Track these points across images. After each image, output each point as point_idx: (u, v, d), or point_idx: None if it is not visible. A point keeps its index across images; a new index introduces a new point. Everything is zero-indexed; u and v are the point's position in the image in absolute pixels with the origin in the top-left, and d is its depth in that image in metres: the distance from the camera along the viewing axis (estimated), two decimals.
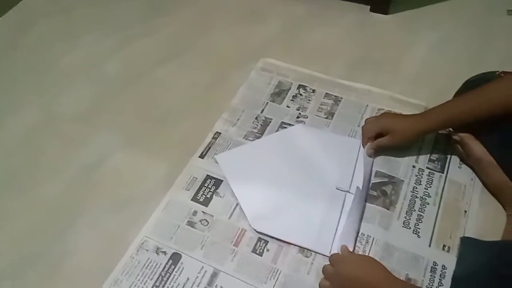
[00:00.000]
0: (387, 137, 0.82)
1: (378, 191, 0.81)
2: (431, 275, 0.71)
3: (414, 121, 0.81)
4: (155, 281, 0.72)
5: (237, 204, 0.81)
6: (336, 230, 0.76)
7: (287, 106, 0.97)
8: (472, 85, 0.82)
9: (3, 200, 0.86)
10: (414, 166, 0.85)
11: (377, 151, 0.85)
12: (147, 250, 0.76)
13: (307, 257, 0.74)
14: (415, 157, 0.87)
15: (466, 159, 0.84)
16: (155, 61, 1.10)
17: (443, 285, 0.70)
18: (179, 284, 0.72)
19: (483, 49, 1.07)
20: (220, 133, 0.93)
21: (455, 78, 0.86)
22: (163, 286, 0.72)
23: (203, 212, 0.80)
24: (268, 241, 0.76)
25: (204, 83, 1.04)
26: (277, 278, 0.72)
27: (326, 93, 1.00)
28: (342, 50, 1.10)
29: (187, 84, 1.04)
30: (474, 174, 0.83)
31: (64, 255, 0.77)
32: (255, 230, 0.76)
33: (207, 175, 0.86)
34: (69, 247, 0.78)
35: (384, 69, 1.04)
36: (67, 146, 0.94)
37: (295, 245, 0.75)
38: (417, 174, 0.84)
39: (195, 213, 0.80)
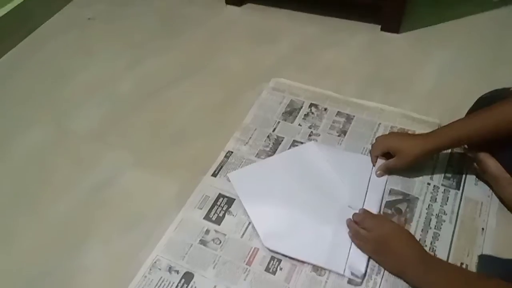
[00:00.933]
0: (394, 160, 0.83)
1: (392, 209, 0.81)
2: None
3: (420, 141, 0.81)
4: None
5: (250, 223, 0.81)
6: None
7: (299, 125, 0.98)
8: (484, 102, 0.82)
9: (12, 217, 0.87)
10: (429, 184, 0.85)
11: (386, 173, 0.85)
12: (160, 269, 0.76)
13: (321, 275, 0.74)
14: (430, 174, 0.86)
15: (482, 176, 0.84)
16: (167, 80, 1.12)
17: None
18: None
19: (495, 65, 1.07)
20: (232, 152, 0.94)
21: (467, 95, 0.86)
22: None
23: (215, 231, 0.81)
24: (281, 260, 0.76)
25: (216, 102, 1.06)
26: None
27: (338, 111, 1.00)
28: (353, 69, 1.11)
29: (199, 104, 1.06)
30: (490, 190, 0.83)
31: (75, 273, 0.78)
32: (267, 248, 0.76)
33: (220, 193, 0.86)
34: (80, 266, 0.79)
35: (396, 87, 1.05)
36: (78, 164, 0.96)
37: (308, 263, 0.75)
38: (432, 191, 0.84)
39: (207, 232, 0.81)
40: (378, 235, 0.73)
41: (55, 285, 0.77)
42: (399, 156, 0.83)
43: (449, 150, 0.89)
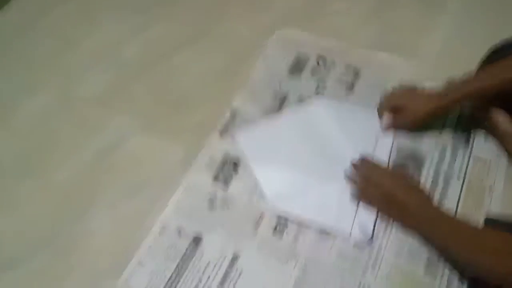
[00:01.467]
0: (398, 118, 0.81)
1: (399, 168, 0.81)
2: None
3: (432, 98, 0.78)
4: (177, 264, 0.75)
5: (257, 186, 0.81)
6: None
7: (306, 80, 0.96)
8: (496, 54, 0.80)
9: (18, 182, 0.88)
10: (437, 143, 0.84)
11: (393, 129, 0.84)
12: (169, 233, 0.78)
13: (328, 240, 0.75)
14: (438, 133, 0.85)
15: (492, 133, 0.82)
16: (172, 46, 1.09)
17: None
18: (200, 266, 0.74)
19: (503, 26, 1.00)
20: (238, 112, 0.92)
21: (476, 56, 0.84)
22: (186, 268, 0.74)
23: (223, 192, 0.81)
24: (288, 223, 0.77)
25: (221, 64, 1.04)
26: (298, 259, 0.73)
27: (347, 64, 0.98)
28: (357, 33, 1.06)
29: (205, 67, 1.04)
30: (500, 149, 0.82)
31: (80, 238, 0.80)
32: (274, 208, 0.77)
33: (226, 155, 0.86)
34: (85, 230, 0.80)
35: (403, 49, 1.01)
36: (84, 129, 0.96)
37: (315, 223, 0.76)
38: (441, 150, 0.83)
39: (215, 194, 0.82)
40: (387, 190, 0.72)
41: (60, 249, 0.79)
42: (409, 113, 0.81)
43: (458, 109, 0.87)
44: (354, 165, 0.78)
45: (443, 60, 0.96)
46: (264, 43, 1.04)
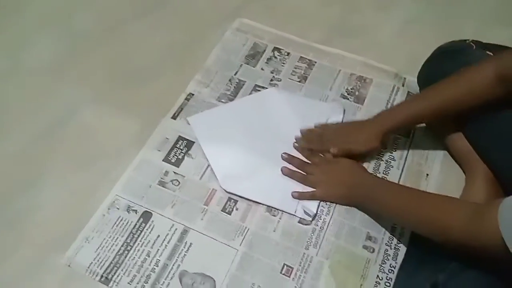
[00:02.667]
0: (349, 146, 0.81)
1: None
2: (391, 234, 0.77)
3: (365, 130, 0.80)
4: (126, 238, 0.76)
5: (208, 166, 0.84)
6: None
7: (261, 69, 1.00)
8: (442, 54, 0.84)
9: None
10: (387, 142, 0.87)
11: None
12: (118, 209, 0.79)
13: (274, 216, 0.79)
14: None
15: (431, 126, 0.89)
16: (127, 15, 1.09)
17: (401, 243, 0.76)
18: (149, 241, 0.76)
19: (460, 15, 1.09)
20: (193, 95, 0.95)
21: (428, 47, 0.87)
22: (134, 242, 0.76)
23: (174, 172, 0.84)
24: (237, 201, 0.80)
25: (178, 41, 1.05)
26: (245, 235, 0.76)
27: (301, 56, 1.02)
28: (319, 15, 1.11)
29: (161, 42, 1.04)
30: (438, 139, 0.88)
31: (29, 210, 0.79)
32: (224, 190, 0.80)
33: (179, 136, 0.88)
34: (35, 203, 0.80)
35: (360, 35, 1.07)
36: (34, 100, 0.94)
37: (263, 204, 0.80)
38: None
39: (166, 173, 0.83)
40: (328, 177, 0.78)
41: (6, 223, 0.78)
42: (358, 147, 0.82)
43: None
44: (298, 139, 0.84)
45: (392, 55, 1.02)
46: (222, 26, 1.07)
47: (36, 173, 0.83)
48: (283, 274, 0.73)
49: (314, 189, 0.80)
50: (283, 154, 0.84)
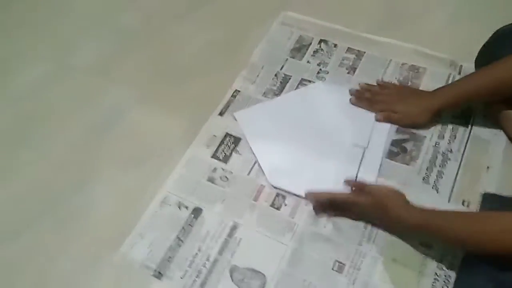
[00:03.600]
0: (397, 117, 0.84)
1: (398, 148, 0.84)
2: None
3: (425, 104, 0.81)
4: (178, 233, 0.79)
5: (256, 162, 0.85)
6: (352, 187, 0.79)
7: (308, 62, 0.99)
8: (500, 37, 0.81)
9: (14, 152, 0.90)
10: (437, 121, 0.87)
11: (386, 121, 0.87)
12: (170, 205, 0.82)
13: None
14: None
15: (493, 119, 0.85)
16: (172, 14, 1.11)
17: None
18: (200, 236, 0.78)
19: None
20: (239, 91, 0.96)
21: (482, 31, 0.85)
22: (186, 237, 0.78)
23: (222, 169, 0.85)
24: (286, 196, 0.81)
25: (223, 38, 1.06)
26: (295, 231, 0.77)
27: (348, 47, 1.01)
28: (365, 3, 1.09)
29: (206, 40, 1.06)
30: (499, 129, 0.84)
31: (81, 208, 0.82)
32: (272, 185, 0.81)
33: (227, 132, 0.90)
34: (86, 201, 0.83)
35: (410, 23, 1.04)
36: (80, 99, 0.97)
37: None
38: (440, 129, 0.86)
39: (215, 169, 0.85)
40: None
41: (59, 221, 0.81)
42: (404, 119, 0.84)
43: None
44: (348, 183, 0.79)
45: (446, 41, 0.98)
46: (267, 21, 1.07)
47: (87, 173, 0.86)
48: (335, 270, 0.73)
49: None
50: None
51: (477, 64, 0.87)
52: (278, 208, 0.80)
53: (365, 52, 0.99)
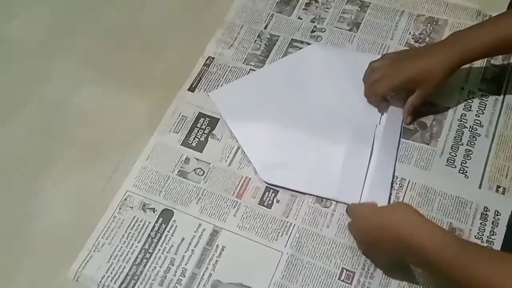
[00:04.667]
0: (417, 94, 0.79)
1: (415, 124, 0.82)
2: (481, 223, 0.73)
3: (442, 56, 0.76)
4: (144, 243, 0.76)
5: (239, 148, 0.83)
6: (366, 173, 0.77)
7: (299, 18, 0.97)
8: None
9: None
10: (462, 88, 0.85)
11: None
12: (132, 208, 0.79)
13: (326, 207, 0.76)
14: (464, 76, 0.85)
15: None
16: None
17: (495, 234, 0.72)
18: (172, 245, 0.75)
19: None
20: (213, 58, 0.93)
21: None
22: (154, 248, 0.75)
23: (196, 159, 0.82)
24: (278, 191, 0.78)
25: None
26: (290, 234, 0.74)
27: None
28: None
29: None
30: None
31: (28, 218, 0.80)
32: (265, 182, 0.79)
33: (200, 112, 0.87)
34: (34, 209, 0.81)
35: None
36: (24, 82, 0.95)
37: (318, 196, 0.77)
38: (467, 98, 0.84)
39: (187, 160, 0.82)
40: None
41: (6, 234, 0.79)
42: (422, 87, 0.78)
43: None
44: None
45: None
46: None
47: (32, 173, 0.84)
48: (343, 280, 0.71)
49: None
50: None
51: None
52: (268, 206, 0.77)
53: (370, 3, 0.97)
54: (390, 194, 0.76)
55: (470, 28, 0.78)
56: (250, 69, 0.91)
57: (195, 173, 0.81)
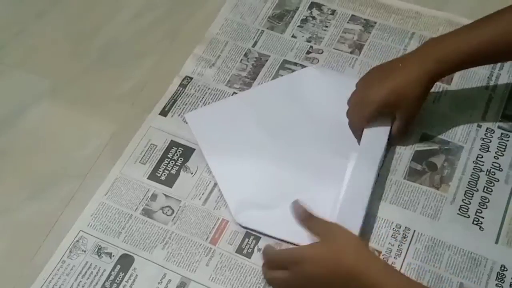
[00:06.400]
0: (398, 122, 0.81)
1: (423, 164, 0.83)
2: (497, 284, 0.73)
3: (416, 70, 0.78)
4: None
5: (216, 184, 0.83)
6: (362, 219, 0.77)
7: (293, 36, 0.99)
8: None
9: None
10: (479, 126, 0.87)
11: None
12: (85, 251, 0.79)
13: None
14: (481, 112, 0.87)
15: None
16: None
17: None
18: None
19: None
20: (191, 78, 0.94)
21: None
22: None
23: (165, 195, 0.83)
24: (260, 237, 0.79)
25: (167, 1, 1.05)
26: None
27: (352, 15, 1.01)
28: None
29: (142, 5, 1.05)
30: None
31: None
32: (239, 224, 0.79)
33: (172, 140, 0.88)
34: None
35: None
36: None
37: (297, 245, 0.76)
38: (484, 137, 0.86)
39: (154, 197, 0.83)
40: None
41: None
42: (400, 111, 0.80)
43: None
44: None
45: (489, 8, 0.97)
46: None
47: None
48: None
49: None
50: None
51: None
52: (248, 255, 0.77)
53: (376, 22, 0.99)
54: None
55: (447, 33, 0.81)
56: (234, 92, 0.92)
57: (163, 212, 0.81)
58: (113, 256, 0.78)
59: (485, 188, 0.81)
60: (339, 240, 0.67)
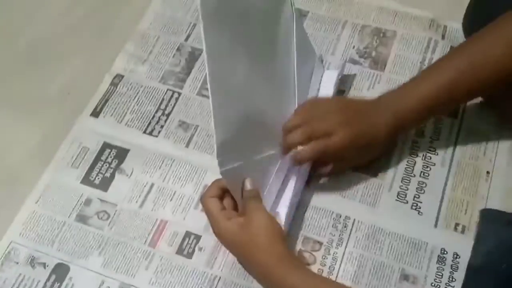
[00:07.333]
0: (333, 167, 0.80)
1: None
2: (438, 268, 0.75)
3: (374, 130, 0.77)
4: None
5: (153, 184, 0.83)
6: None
7: None
8: None
9: None
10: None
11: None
12: (17, 263, 0.77)
13: None
14: None
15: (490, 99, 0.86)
16: None
17: (455, 281, 0.74)
18: None
19: None
20: (122, 76, 0.94)
21: None
22: None
23: (100, 199, 0.82)
24: (200, 236, 0.79)
25: None
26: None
27: None
28: None
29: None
30: (500, 118, 0.86)
31: None
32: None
33: (105, 142, 0.87)
34: None
35: None
36: None
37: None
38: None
39: (88, 201, 0.82)
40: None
41: None
42: (352, 160, 0.80)
43: None
44: None
45: None
46: None
47: None
48: None
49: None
50: None
51: (465, 26, 0.88)
52: (189, 256, 0.77)
53: (308, 11, 1.00)
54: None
55: (408, 82, 0.78)
56: (168, 89, 0.92)
57: (98, 217, 0.81)
58: (47, 266, 0.77)
59: (422, 173, 0.83)
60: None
